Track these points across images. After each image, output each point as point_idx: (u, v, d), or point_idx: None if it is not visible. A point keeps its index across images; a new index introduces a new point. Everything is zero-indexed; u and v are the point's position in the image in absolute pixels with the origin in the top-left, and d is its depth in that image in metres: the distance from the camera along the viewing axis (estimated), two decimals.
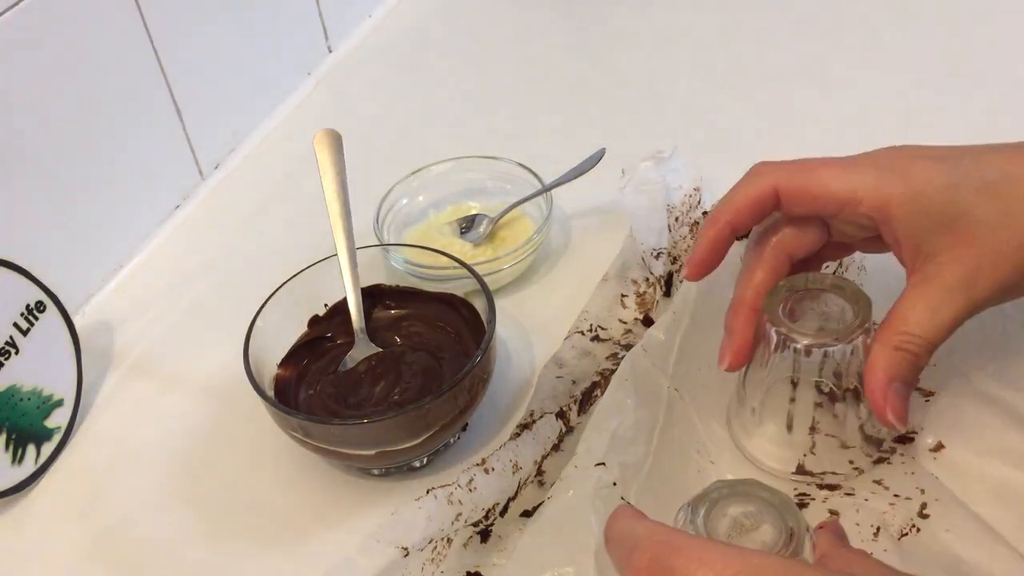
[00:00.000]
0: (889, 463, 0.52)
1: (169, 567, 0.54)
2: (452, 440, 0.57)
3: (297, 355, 0.60)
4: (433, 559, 0.49)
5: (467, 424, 0.57)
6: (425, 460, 0.57)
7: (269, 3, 0.84)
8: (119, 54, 0.70)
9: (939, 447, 0.52)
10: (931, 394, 0.54)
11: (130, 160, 0.72)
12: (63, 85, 0.66)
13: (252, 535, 0.55)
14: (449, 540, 0.49)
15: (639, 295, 0.63)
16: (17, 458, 0.58)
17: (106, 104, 0.69)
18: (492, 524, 0.51)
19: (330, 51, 0.94)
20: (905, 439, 0.53)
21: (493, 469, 0.52)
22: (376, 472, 0.57)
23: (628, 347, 0.60)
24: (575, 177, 0.69)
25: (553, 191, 0.68)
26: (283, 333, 0.59)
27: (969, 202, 0.45)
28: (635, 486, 0.50)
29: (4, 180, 0.63)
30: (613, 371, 0.57)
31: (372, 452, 0.53)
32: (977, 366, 0.54)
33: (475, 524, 0.51)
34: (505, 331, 0.63)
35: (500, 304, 0.58)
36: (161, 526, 0.56)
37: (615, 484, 0.49)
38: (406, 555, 0.48)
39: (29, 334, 0.60)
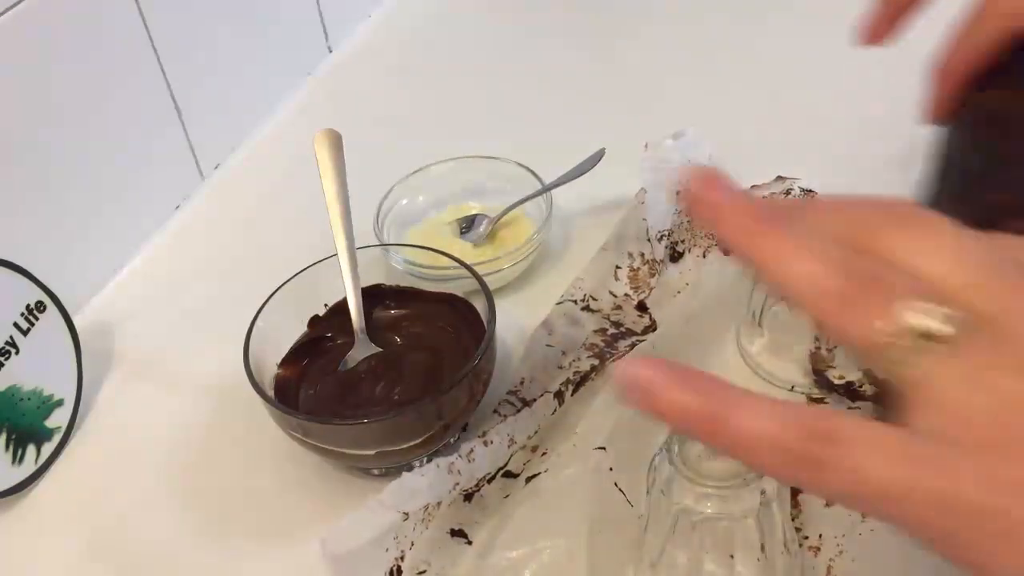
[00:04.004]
0: None
1: (169, 567, 0.54)
2: (452, 440, 0.57)
3: (297, 355, 0.60)
4: (424, 519, 0.50)
5: (467, 424, 0.57)
6: (425, 460, 0.56)
7: (269, 4, 0.84)
8: (119, 54, 0.70)
9: None
10: None
11: (130, 160, 0.72)
12: (63, 85, 0.66)
13: (252, 535, 0.55)
14: (439, 504, 0.51)
15: (632, 270, 0.64)
16: (17, 458, 0.58)
17: (106, 104, 0.69)
18: (479, 488, 0.53)
19: (330, 51, 0.94)
20: None
21: (492, 442, 0.53)
22: (376, 472, 0.57)
23: (617, 324, 0.61)
24: (575, 177, 0.69)
25: (553, 191, 0.68)
26: (283, 333, 0.59)
27: None
28: (626, 477, 0.51)
29: (4, 180, 0.63)
30: (602, 348, 0.59)
31: (372, 452, 0.53)
32: None
33: (466, 491, 0.52)
34: (505, 331, 0.63)
35: (500, 304, 0.58)
36: (161, 526, 0.56)
37: (611, 469, 0.51)
38: (406, 519, 0.49)
39: (29, 334, 0.60)
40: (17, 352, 0.59)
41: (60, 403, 0.61)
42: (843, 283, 0.28)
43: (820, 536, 0.48)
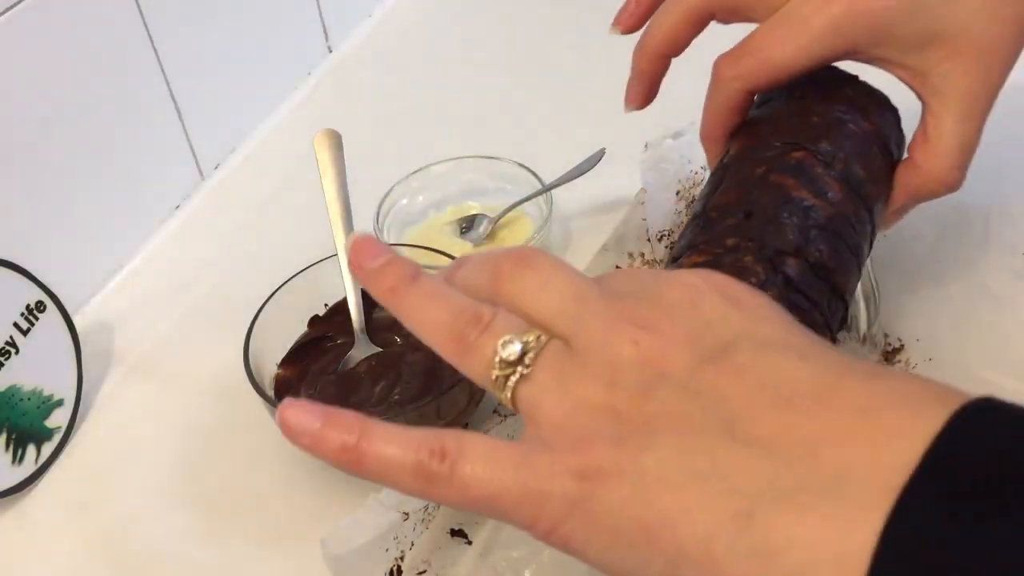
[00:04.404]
0: None
1: (169, 567, 0.54)
2: None
3: (297, 355, 0.60)
4: (424, 519, 0.50)
5: (467, 424, 0.57)
6: None
7: (269, 3, 0.84)
8: (119, 54, 0.70)
9: None
10: None
11: (130, 160, 0.72)
12: (63, 85, 0.66)
13: (252, 535, 0.55)
14: (439, 504, 0.51)
15: None
16: (17, 458, 0.58)
17: (106, 104, 0.69)
18: None
19: (330, 51, 0.94)
20: None
21: None
22: None
23: None
24: (575, 177, 0.69)
25: (553, 191, 0.68)
26: (283, 333, 0.60)
27: None
28: None
29: (4, 180, 0.63)
30: None
31: None
32: (976, 355, 0.55)
33: None
34: None
35: None
36: (161, 526, 0.56)
37: None
38: (406, 519, 0.49)
39: (29, 334, 0.60)
40: (17, 352, 0.59)
41: (60, 403, 0.61)
42: (460, 329, 0.33)
43: None
